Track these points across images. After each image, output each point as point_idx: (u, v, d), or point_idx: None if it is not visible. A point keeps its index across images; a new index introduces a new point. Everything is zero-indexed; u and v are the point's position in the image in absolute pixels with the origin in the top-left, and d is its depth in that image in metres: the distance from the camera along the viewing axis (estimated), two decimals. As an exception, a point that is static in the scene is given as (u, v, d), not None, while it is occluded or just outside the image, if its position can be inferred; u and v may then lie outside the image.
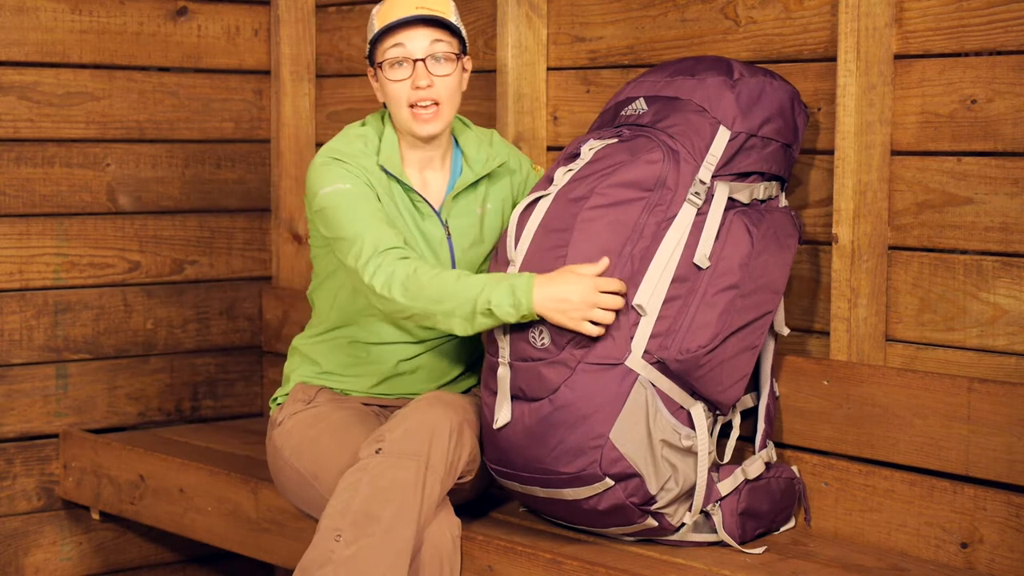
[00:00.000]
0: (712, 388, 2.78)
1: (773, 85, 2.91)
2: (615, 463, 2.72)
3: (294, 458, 3.02)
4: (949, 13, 2.83)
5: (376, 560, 2.72)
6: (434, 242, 3.05)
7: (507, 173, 3.14)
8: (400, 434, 2.81)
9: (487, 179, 3.11)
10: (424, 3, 2.97)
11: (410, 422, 2.83)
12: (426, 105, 2.96)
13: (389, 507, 2.74)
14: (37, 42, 3.80)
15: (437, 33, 2.97)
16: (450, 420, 2.83)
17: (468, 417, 2.91)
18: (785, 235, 2.86)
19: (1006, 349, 2.79)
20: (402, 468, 2.77)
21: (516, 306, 2.72)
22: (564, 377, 2.74)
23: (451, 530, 2.84)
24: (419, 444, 2.79)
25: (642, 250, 2.76)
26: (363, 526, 2.74)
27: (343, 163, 2.97)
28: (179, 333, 4.08)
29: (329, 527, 2.76)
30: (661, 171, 2.79)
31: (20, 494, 3.88)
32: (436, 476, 2.79)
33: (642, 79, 3.01)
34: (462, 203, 3.08)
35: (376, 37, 2.98)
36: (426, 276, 2.80)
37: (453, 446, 2.82)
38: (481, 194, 3.10)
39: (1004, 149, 2.78)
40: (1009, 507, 2.69)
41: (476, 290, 2.75)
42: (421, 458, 2.78)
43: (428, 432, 2.80)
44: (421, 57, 2.95)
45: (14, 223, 3.81)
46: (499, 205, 3.13)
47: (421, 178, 3.07)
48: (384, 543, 2.73)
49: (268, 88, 4.18)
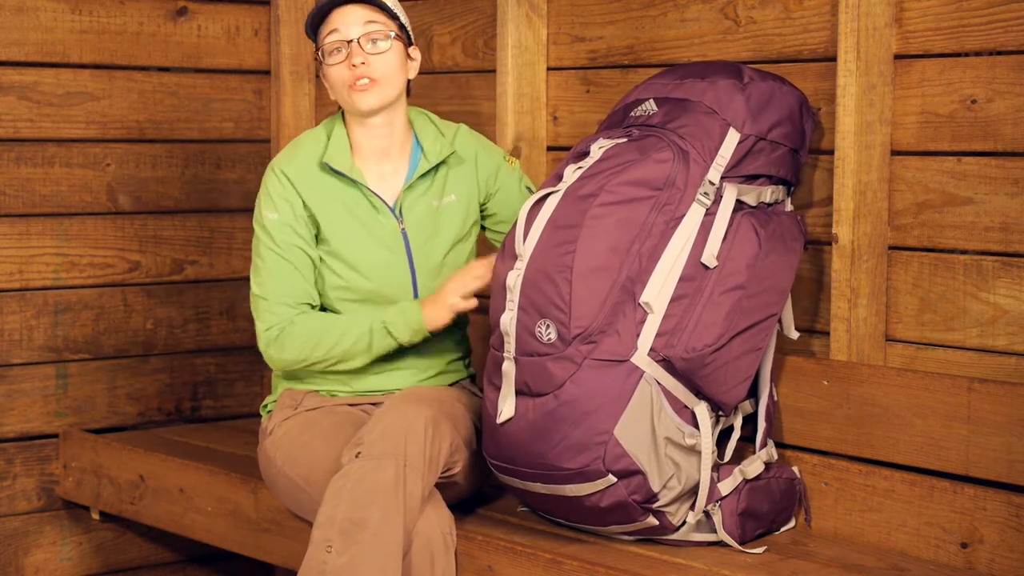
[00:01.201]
0: (716, 388, 2.78)
1: (783, 90, 2.92)
2: (618, 459, 2.73)
3: (287, 466, 3.04)
4: (949, 13, 2.83)
5: (368, 565, 2.74)
6: (386, 236, 3.08)
7: (468, 164, 3.16)
8: (377, 435, 2.83)
9: (445, 170, 3.13)
10: None
11: (385, 422, 2.85)
12: (364, 83, 3.01)
13: (373, 511, 2.76)
14: (37, 42, 3.80)
15: (371, 14, 3.02)
16: (423, 415, 2.85)
17: (445, 409, 2.92)
18: (791, 238, 2.87)
19: (1006, 349, 2.79)
20: (381, 469, 2.78)
21: (408, 323, 3.02)
22: (570, 373, 2.74)
23: (441, 525, 2.84)
24: (395, 443, 2.80)
25: (650, 248, 2.77)
26: (351, 533, 2.75)
27: (281, 183, 3.06)
28: (179, 333, 4.08)
29: (320, 538, 2.78)
30: (671, 170, 2.80)
31: (20, 494, 3.88)
32: (416, 472, 2.80)
33: (651, 82, 3.02)
34: (418, 195, 3.10)
35: (313, 24, 3.03)
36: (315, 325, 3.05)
37: (430, 440, 2.83)
38: (439, 186, 3.12)
39: (1004, 149, 2.78)
40: (1009, 507, 2.69)
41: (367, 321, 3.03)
42: (399, 457, 2.79)
43: (403, 430, 2.82)
44: (355, 37, 3.00)
45: (14, 223, 3.81)
46: (464, 197, 3.15)
47: (378, 171, 3.10)
48: (373, 547, 2.74)
49: (268, 88, 4.18)
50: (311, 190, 3.06)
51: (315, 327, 3.05)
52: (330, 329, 3.05)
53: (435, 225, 3.12)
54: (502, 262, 2.88)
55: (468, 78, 3.76)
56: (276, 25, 4.13)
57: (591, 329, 2.74)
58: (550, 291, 2.76)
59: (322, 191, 3.06)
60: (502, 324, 2.84)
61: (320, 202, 3.06)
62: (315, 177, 3.07)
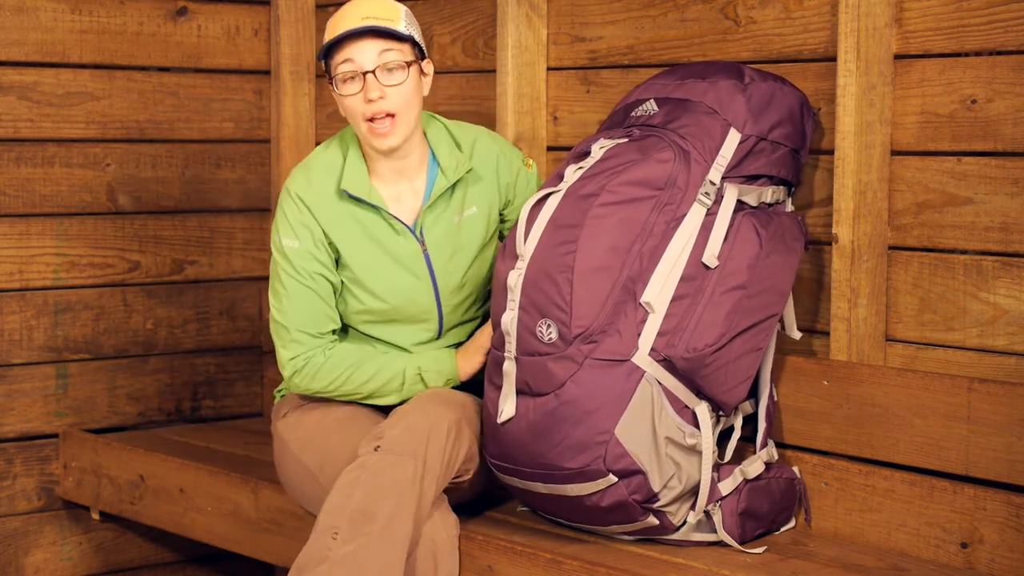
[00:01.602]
0: (717, 388, 2.78)
1: (783, 90, 2.92)
2: (619, 459, 2.73)
3: (301, 452, 3.03)
4: (949, 13, 2.83)
5: (372, 558, 2.73)
6: (407, 259, 3.03)
7: (488, 176, 3.09)
8: (399, 432, 2.82)
9: (463, 184, 3.07)
10: (370, 12, 2.92)
11: (408, 420, 2.83)
12: (381, 118, 2.93)
13: (386, 505, 2.75)
14: (37, 42, 3.80)
15: (385, 43, 2.92)
16: (448, 418, 2.84)
17: (467, 414, 2.92)
18: (792, 239, 2.87)
19: (1006, 349, 2.79)
20: (400, 466, 2.77)
21: (441, 372, 3.04)
22: (571, 372, 2.74)
23: (447, 528, 2.84)
24: (417, 442, 2.79)
25: (651, 248, 2.77)
26: (360, 524, 2.74)
27: (299, 210, 2.99)
28: (179, 333, 4.08)
29: (326, 524, 2.77)
30: (672, 170, 2.80)
31: (20, 494, 3.88)
32: (433, 474, 2.80)
33: (652, 82, 3.02)
34: (438, 213, 3.04)
35: (326, 52, 2.95)
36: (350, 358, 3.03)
37: (451, 444, 2.83)
38: (458, 201, 3.06)
39: (1004, 149, 2.78)
40: (1009, 507, 2.69)
41: (401, 364, 3.02)
42: (419, 456, 2.78)
43: (426, 430, 2.81)
44: (370, 69, 2.91)
45: (14, 223, 3.81)
46: (485, 208, 3.09)
47: (396, 191, 3.04)
48: (381, 541, 2.74)
49: (268, 88, 4.18)
50: (330, 218, 3.00)
51: (349, 362, 3.02)
52: (363, 365, 3.03)
53: (456, 241, 3.06)
54: (503, 262, 2.88)
55: (468, 78, 3.76)
56: (276, 25, 4.13)
57: (592, 329, 2.74)
58: (551, 291, 2.76)
59: (341, 218, 3.00)
60: (503, 324, 2.84)
61: (340, 229, 3.01)
62: (333, 204, 3.00)
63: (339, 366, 3.02)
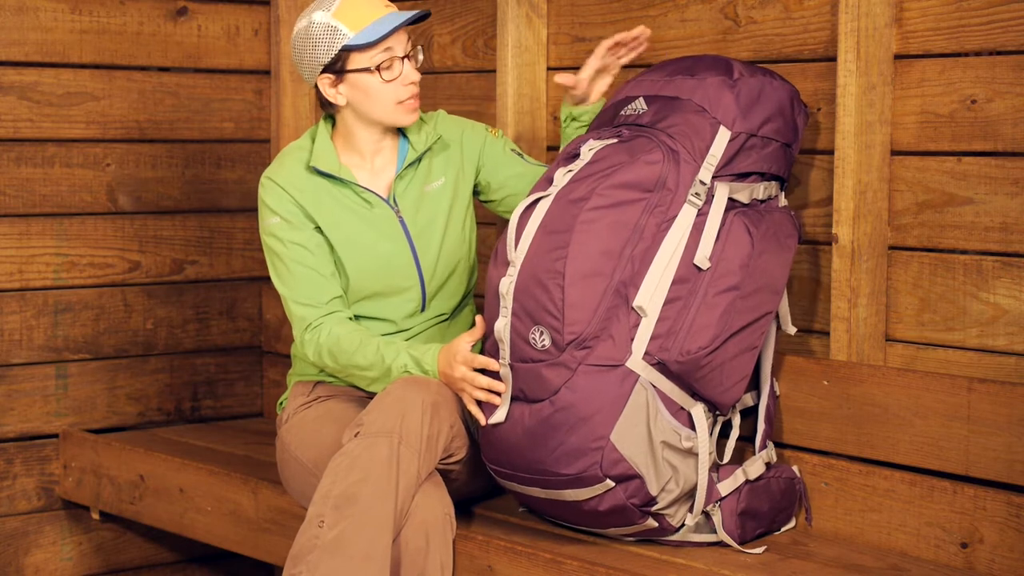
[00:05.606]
0: (713, 389, 2.78)
1: (773, 85, 2.90)
2: (616, 464, 2.72)
3: (299, 450, 3.07)
4: (949, 13, 2.83)
5: (356, 538, 2.76)
6: (385, 227, 3.10)
7: (453, 147, 3.18)
8: (375, 415, 2.85)
9: (430, 156, 3.16)
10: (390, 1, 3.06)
11: (383, 403, 2.87)
12: (414, 101, 3.07)
13: (366, 486, 2.78)
14: (37, 42, 3.80)
15: (407, 28, 3.07)
16: (421, 397, 2.86)
17: (444, 394, 2.92)
18: (785, 235, 2.86)
19: (1006, 349, 2.79)
20: (376, 447, 2.81)
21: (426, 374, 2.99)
22: (565, 378, 2.73)
23: (441, 507, 2.85)
24: (392, 422, 2.82)
25: (642, 251, 2.76)
26: (342, 508, 2.78)
27: (274, 190, 3.08)
28: (179, 333, 4.08)
29: (314, 514, 2.81)
30: (661, 172, 2.78)
31: (20, 494, 3.88)
32: (411, 450, 2.81)
33: (641, 78, 3.00)
34: (408, 181, 3.13)
35: (359, 46, 3.00)
36: (348, 344, 3.02)
37: (428, 420, 2.84)
38: (424, 172, 3.15)
39: (1004, 149, 2.78)
40: (1009, 507, 2.69)
41: (391, 358, 3.00)
42: (394, 434, 2.81)
43: (399, 409, 2.84)
44: (407, 53, 3.05)
45: (14, 223, 3.81)
46: (452, 179, 3.17)
47: (370, 167, 3.13)
48: (363, 521, 2.76)
49: (268, 88, 4.18)
50: (304, 193, 3.08)
51: (345, 346, 3.04)
52: (359, 352, 3.04)
53: (429, 211, 3.14)
54: (495, 268, 2.87)
55: (468, 78, 3.76)
56: (276, 25, 4.13)
57: (585, 335, 2.73)
58: (543, 297, 2.76)
59: (315, 193, 3.09)
60: (496, 331, 2.83)
61: (315, 203, 3.08)
62: (306, 180, 3.09)
63: (336, 348, 3.05)
